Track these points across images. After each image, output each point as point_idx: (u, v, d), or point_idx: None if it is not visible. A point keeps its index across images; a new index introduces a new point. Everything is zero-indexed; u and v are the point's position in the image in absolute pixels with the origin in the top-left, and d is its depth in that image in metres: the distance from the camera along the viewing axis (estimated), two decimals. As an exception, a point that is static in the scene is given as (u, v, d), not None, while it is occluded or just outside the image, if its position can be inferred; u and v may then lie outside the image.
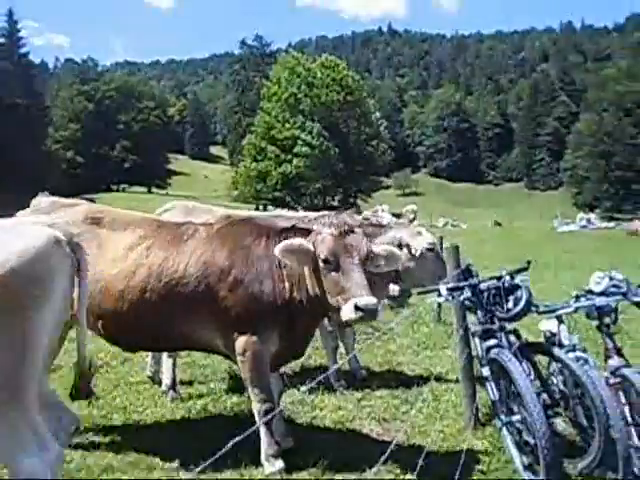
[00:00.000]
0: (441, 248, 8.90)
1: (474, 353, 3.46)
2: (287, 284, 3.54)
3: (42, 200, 3.88)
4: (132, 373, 5.54)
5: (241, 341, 3.54)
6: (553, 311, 3.54)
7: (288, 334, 3.62)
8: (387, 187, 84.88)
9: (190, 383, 5.33)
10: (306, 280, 3.47)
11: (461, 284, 3.58)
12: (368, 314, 3.08)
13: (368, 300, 3.09)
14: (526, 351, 3.43)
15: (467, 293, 3.54)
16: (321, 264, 3.28)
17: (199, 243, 3.67)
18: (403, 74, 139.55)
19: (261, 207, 49.38)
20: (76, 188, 61.93)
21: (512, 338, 3.46)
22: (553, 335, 3.72)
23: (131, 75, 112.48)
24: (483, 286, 3.53)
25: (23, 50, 66.16)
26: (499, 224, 44.11)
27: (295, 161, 47.01)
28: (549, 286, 12.20)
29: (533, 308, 3.51)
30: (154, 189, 78.75)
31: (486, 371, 3.33)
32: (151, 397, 4.90)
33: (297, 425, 4.31)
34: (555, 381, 3.60)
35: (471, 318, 3.97)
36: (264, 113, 50.29)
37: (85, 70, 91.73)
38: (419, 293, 3.61)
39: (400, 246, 4.91)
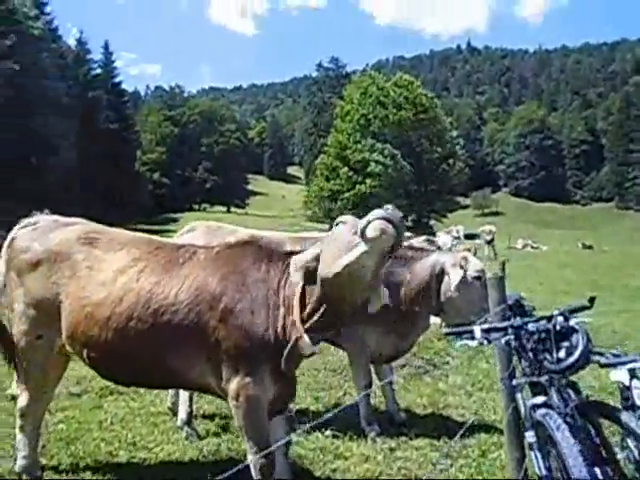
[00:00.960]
0: (503, 274, 8.20)
1: (520, 409, 2.79)
2: (282, 310, 3.08)
3: (42, 218, 3.65)
4: (156, 402, 5.21)
5: (234, 382, 3.08)
6: (622, 364, 2.79)
7: (282, 373, 3.14)
8: (465, 207, 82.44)
9: (212, 417, 4.92)
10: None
11: (500, 324, 2.91)
12: None
13: None
14: (586, 412, 2.72)
15: (509, 336, 2.88)
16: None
17: (195, 267, 3.27)
18: (483, 91, 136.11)
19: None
20: (161, 208, 65.34)
21: (567, 394, 2.75)
22: (627, 389, 2.96)
23: (215, 100, 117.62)
24: (531, 327, 2.84)
25: (117, 80, 70.96)
26: (589, 247, 40.47)
27: (368, 181, 46.52)
28: (637, 317, 10.88)
29: (595, 358, 2.79)
30: (233, 208, 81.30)
31: (530, 436, 2.63)
32: (166, 432, 4.54)
33: (312, 478, 3.76)
34: (630, 451, 2.83)
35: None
36: (337, 133, 50.36)
37: (172, 96, 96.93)
38: (447, 334, 2.96)
39: (441, 274, 4.35)
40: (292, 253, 3.23)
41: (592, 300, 2.97)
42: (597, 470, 2.53)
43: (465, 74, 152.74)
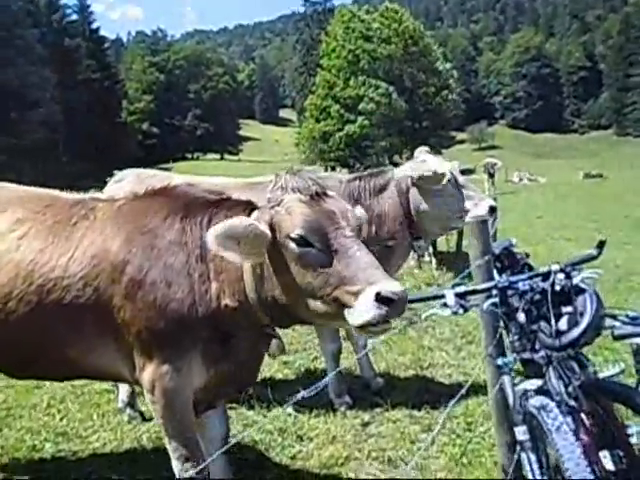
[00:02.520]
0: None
1: (507, 396, 2.10)
2: (214, 285, 2.35)
3: None
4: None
5: (148, 372, 2.40)
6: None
7: (222, 360, 2.45)
8: (462, 142, 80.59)
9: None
10: (251, 277, 2.26)
11: (480, 286, 2.20)
12: (398, 305, 1.87)
13: (394, 286, 1.88)
14: (592, 393, 2.05)
15: (492, 299, 2.17)
16: (292, 247, 2.06)
17: (91, 228, 2.52)
18: (477, 20, 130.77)
19: (329, 168, 48.09)
20: (152, 158, 63.90)
21: (569, 371, 2.07)
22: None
23: (200, 43, 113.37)
24: (522, 287, 2.12)
25: (94, 26, 67.71)
26: (594, 176, 38.51)
27: (359, 120, 44.91)
28: (641, 250, 10.24)
29: (607, 324, 2.10)
30: (227, 155, 79.76)
31: (521, 433, 1.96)
32: (106, 415, 3.93)
33: (267, 468, 3.17)
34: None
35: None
36: (324, 71, 48.23)
37: (156, 42, 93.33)
38: (410, 302, 2.22)
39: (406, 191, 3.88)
40: (214, 203, 2.49)
41: (601, 245, 2.24)
42: (606, 453, 1.91)
43: (459, 2, 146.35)
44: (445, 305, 2.11)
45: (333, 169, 47.03)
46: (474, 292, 2.16)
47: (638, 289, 7.17)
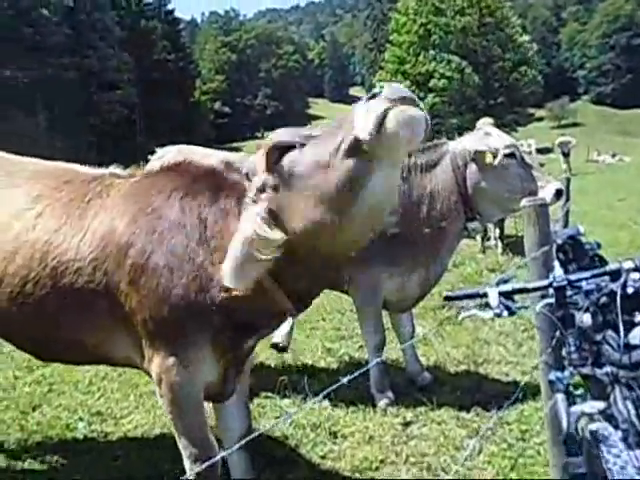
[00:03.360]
0: (568, 193, 6.78)
1: (560, 419, 1.73)
2: (219, 268, 2.11)
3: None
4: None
5: (155, 365, 2.22)
6: None
7: (237, 348, 2.25)
8: (540, 119, 76.48)
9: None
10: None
11: (531, 284, 1.83)
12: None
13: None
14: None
15: (547, 299, 1.80)
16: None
17: (103, 206, 2.35)
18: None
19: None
20: (224, 137, 65.22)
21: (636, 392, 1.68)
22: None
23: (272, 22, 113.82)
24: (585, 287, 1.74)
25: (169, 7, 69.26)
26: None
27: (429, 97, 43.36)
28: None
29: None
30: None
31: (576, 465, 1.60)
32: (143, 396, 3.87)
33: (294, 466, 2.95)
34: None
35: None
36: (394, 47, 46.76)
37: (228, 21, 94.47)
38: (447, 299, 1.89)
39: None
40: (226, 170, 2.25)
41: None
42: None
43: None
44: (486, 305, 1.77)
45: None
46: (523, 291, 1.80)
47: None
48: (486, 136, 3.53)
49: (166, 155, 4.01)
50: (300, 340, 4.70)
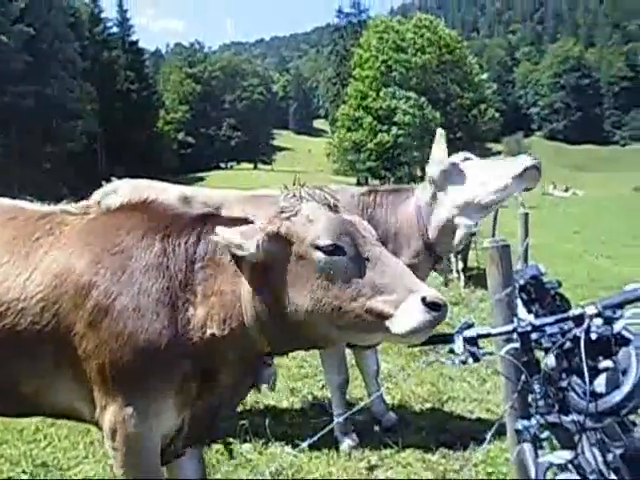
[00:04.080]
0: (526, 226, 6.93)
1: (528, 469, 1.68)
2: (200, 312, 2.03)
3: None
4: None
5: (109, 414, 2.07)
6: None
7: (199, 401, 2.12)
8: (497, 153, 79.03)
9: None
10: (251, 298, 1.95)
11: (495, 329, 1.80)
12: (444, 310, 1.76)
13: (436, 293, 1.78)
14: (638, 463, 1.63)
15: (511, 344, 1.77)
16: (319, 256, 1.84)
17: (55, 245, 2.22)
18: (514, 30, 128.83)
19: (361, 179, 47.72)
20: (187, 167, 64.84)
21: (611, 438, 1.64)
22: None
23: (237, 55, 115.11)
24: (549, 331, 1.71)
25: (134, 38, 69.23)
26: None
27: (394, 130, 44.38)
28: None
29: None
30: (260, 165, 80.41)
31: None
32: (94, 443, 3.64)
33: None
34: None
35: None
36: (356, 81, 48.04)
37: (193, 53, 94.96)
38: (410, 347, 1.83)
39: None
40: (205, 218, 2.18)
41: (650, 279, 1.81)
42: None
43: (495, 12, 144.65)
44: (452, 352, 1.72)
45: (366, 180, 46.68)
46: (488, 336, 1.77)
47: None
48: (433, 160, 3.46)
49: (119, 189, 3.88)
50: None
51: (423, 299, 1.72)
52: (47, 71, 43.98)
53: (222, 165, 78.96)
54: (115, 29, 67.55)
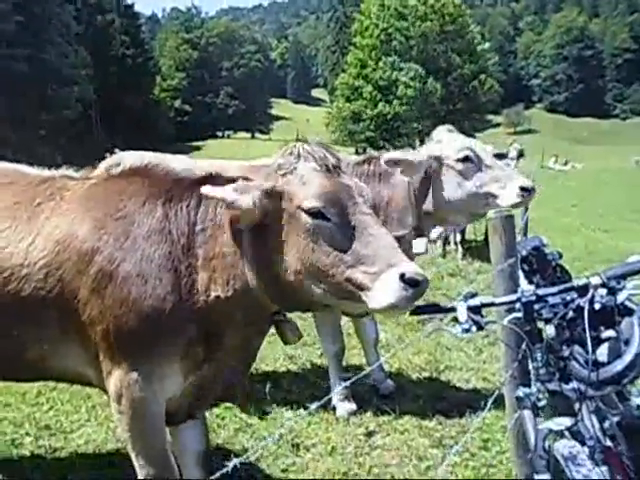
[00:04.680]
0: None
1: (528, 436, 1.71)
2: (203, 275, 2.04)
3: None
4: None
5: (115, 379, 2.09)
6: None
7: (206, 364, 2.14)
8: (497, 125, 78.43)
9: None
10: (252, 257, 1.96)
11: (499, 299, 1.81)
12: (423, 287, 1.73)
13: (416, 269, 1.75)
14: (633, 432, 1.66)
15: (515, 314, 1.79)
16: (305, 219, 1.84)
17: (57, 210, 2.21)
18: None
19: (359, 149, 47.36)
20: (184, 135, 64.18)
21: (609, 406, 1.67)
22: None
23: (234, 21, 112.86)
24: (552, 301, 1.73)
25: (128, 1, 67.53)
26: None
27: (395, 103, 43.76)
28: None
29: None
30: (257, 134, 79.63)
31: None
32: (96, 407, 3.69)
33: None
34: None
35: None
36: (357, 50, 47.17)
37: (189, 18, 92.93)
38: (413, 313, 1.85)
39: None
40: (200, 181, 2.16)
41: (654, 251, 1.81)
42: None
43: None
44: (456, 320, 1.74)
45: (364, 150, 46.32)
46: (492, 305, 1.78)
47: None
48: (437, 144, 3.44)
49: (123, 160, 3.84)
50: (261, 347, 4.60)
51: (402, 275, 1.71)
52: (41, 35, 43.08)
53: (219, 134, 78.18)
54: (108, -9, 66.05)
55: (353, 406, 3.57)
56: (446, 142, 3.40)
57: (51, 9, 44.89)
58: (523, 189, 3.22)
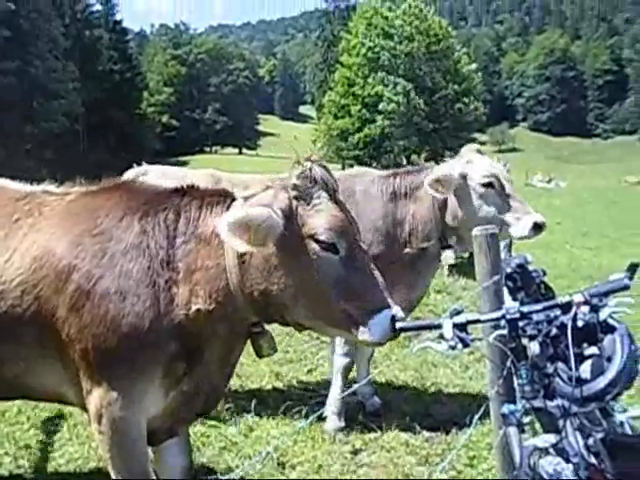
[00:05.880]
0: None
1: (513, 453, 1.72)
2: (184, 289, 2.03)
3: None
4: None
5: (94, 398, 2.07)
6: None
7: (187, 378, 2.12)
8: (482, 143, 79.45)
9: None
10: (237, 270, 1.97)
11: (484, 316, 1.83)
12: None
13: (400, 312, 1.91)
14: (617, 450, 1.68)
15: (499, 331, 1.81)
16: (314, 248, 1.91)
17: (34, 226, 2.20)
18: (502, 20, 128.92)
19: (347, 167, 47.62)
20: (171, 150, 64.14)
21: (592, 422, 1.69)
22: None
23: (223, 38, 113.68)
24: (536, 318, 1.75)
25: (117, 17, 67.83)
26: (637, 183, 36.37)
27: (379, 119, 44.26)
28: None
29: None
30: (245, 150, 79.82)
31: None
32: (77, 426, 3.63)
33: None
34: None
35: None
36: (344, 68, 47.65)
37: (178, 34, 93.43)
38: (400, 330, 1.86)
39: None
40: (195, 192, 2.17)
41: (634, 269, 1.83)
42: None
43: (484, 2, 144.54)
44: (442, 337, 1.75)
45: (351, 166, 46.55)
46: (477, 322, 1.79)
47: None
48: (467, 164, 3.49)
49: (150, 172, 3.90)
50: (247, 364, 4.57)
51: (393, 317, 1.86)
52: (29, 49, 43.01)
53: (206, 149, 78.27)
54: (99, 7, 66.29)
55: (342, 424, 3.56)
56: (475, 164, 3.45)
57: (39, 24, 44.90)
58: (537, 225, 3.34)
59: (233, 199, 2.10)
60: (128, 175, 3.97)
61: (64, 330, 2.05)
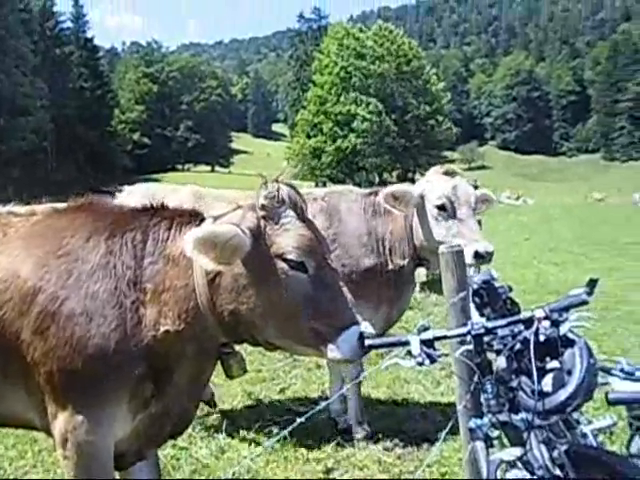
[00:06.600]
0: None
1: (480, 467, 1.75)
2: (152, 310, 2.01)
3: None
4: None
5: (60, 422, 2.02)
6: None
7: (156, 401, 2.08)
8: (452, 161, 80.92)
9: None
10: (206, 290, 1.96)
11: (450, 332, 1.87)
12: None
13: (369, 328, 1.94)
14: (580, 460, 1.72)
15: (465, 346, 1.85)
16: (283, 267, 1.92)
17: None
18: (470, 42, 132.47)
19: (320, 184, 47.90)
20: (143, 168, 63.46)
21: (555, 434, 1.74)
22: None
23: (195, 56, 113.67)
24: (501, 333, 1.79)
25: (88, 34, 67.35)
26: (600, 199, 37.67)
27: (352, 137, 44.85)
28: (627, 275, 9.99)
29: (603, 384, 1.77)
30: (217, 168, 79.52)
31: None
32: (44, 451, 3.53)
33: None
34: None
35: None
36: (317, 87, 48.32)
37: (150, 52, 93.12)
38: (368, 347, 1.88)
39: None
40: (164, 212, 2.16)
41: (593, 285, 1.90)
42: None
43: (452, 24, 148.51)
44: (410, 353, 1.78)
45: (324, 184, 46.91)
46: (444, 338, 1.83)
47: (626, 318, 6.90)
48: (427, 184, 3.53)
49: (135, 192, 3.84)
50: (219, 384, 4.52)
51: (361, 334, 1.86)
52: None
53: (179, 167, 77.72)
54: (69, 24, 65.75)
55: (369, 429, 3.66)
56: (434, 184, 3.49)
57: (6, 42, 44.31)
58: (477, 255, 3.32)
59: (203, 219, 2.11)
60: (125, 192, 3.88)
61: (29, 354, 2.01)
